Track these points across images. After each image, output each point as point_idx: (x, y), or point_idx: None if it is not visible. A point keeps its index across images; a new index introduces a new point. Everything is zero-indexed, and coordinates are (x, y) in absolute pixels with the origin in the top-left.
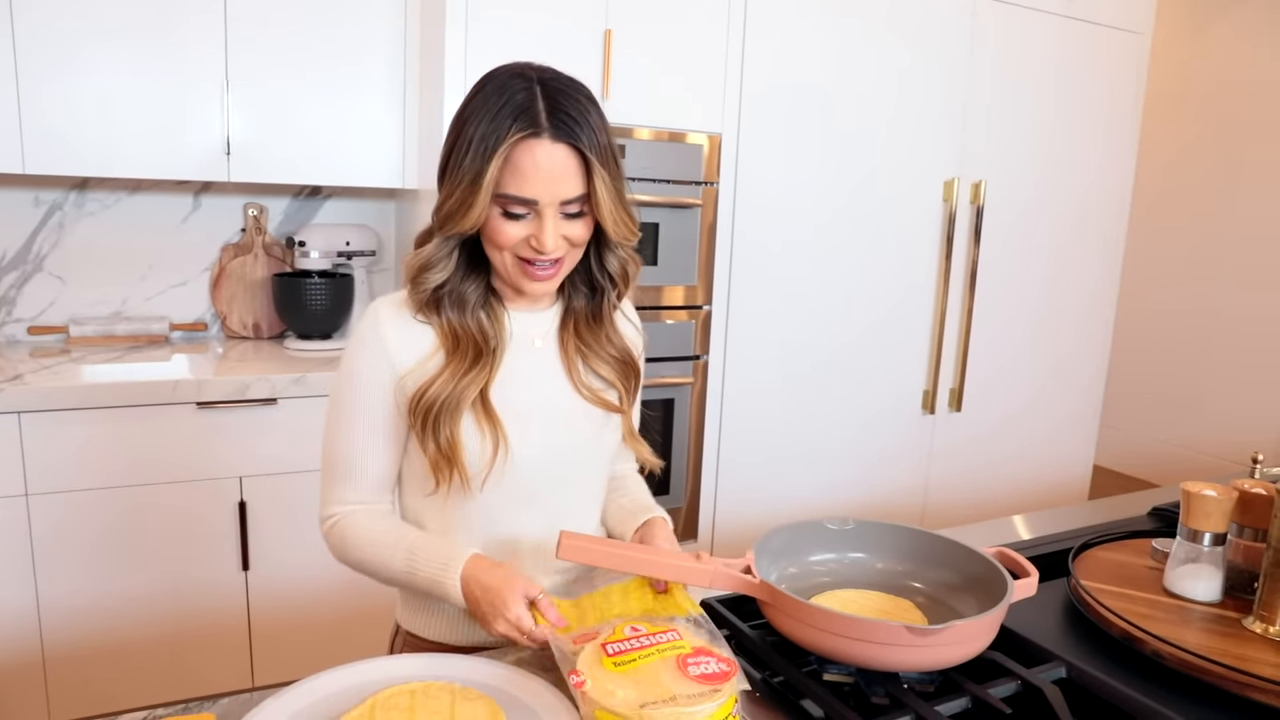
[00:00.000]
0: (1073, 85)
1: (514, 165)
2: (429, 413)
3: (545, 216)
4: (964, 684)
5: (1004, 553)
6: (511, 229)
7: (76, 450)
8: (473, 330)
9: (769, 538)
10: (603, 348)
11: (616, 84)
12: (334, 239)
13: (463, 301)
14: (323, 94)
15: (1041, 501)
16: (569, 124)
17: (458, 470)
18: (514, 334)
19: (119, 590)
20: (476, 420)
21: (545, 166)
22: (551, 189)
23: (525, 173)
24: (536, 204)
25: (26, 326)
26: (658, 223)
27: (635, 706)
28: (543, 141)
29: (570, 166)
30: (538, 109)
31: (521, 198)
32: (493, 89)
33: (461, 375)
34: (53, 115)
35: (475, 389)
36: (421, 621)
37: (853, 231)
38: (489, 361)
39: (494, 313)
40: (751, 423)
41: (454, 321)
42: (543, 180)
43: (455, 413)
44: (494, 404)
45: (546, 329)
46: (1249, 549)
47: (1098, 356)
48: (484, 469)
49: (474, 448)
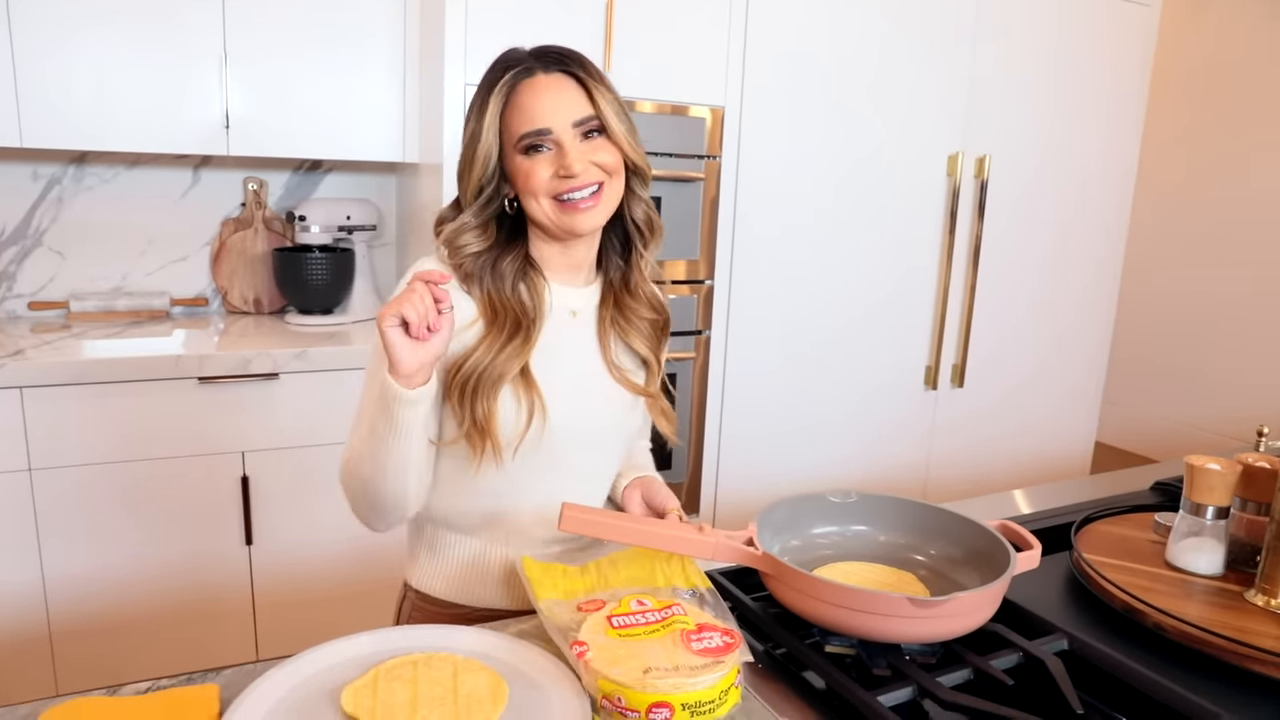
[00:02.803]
0: (1079, 58)
1: (516, 104)
2: (466, 384)
3: (563, 141)
4: (966, 655)
5: (1007, 525)
6: (538, 167)
7: (79, 425)
8: (511, 302)
9: (771, 510)
10: (638, 314)
11: (618, 56)
12: (334, 213)
13: (500, 274)
14: (323, 66)
15: (1043, 477)
16: (558, 57)
17: (490, 440)
18: (553, 306)
19: (123, 564)
20: (514, 391)
21: (545, 93)
22: (558, 113)
23: (528, 106)
24: (550, 133)
25: (27, 302)
26: (660, 196)
27: (638, 675)
28: (537, 76)
29: (570, 89)
30: (529, 58)
31: (535, 129)
32: (491, 67)
33: (500, 348)
34: (51, 88)
35: (517, 363)
36: (429, 580)
37: (856, 206)
38: (528, 334)
39: (533, 284)
40: (754, 397)
41: (494, 293)
42: (548, 107)
43: (495, 386)
44: (534, 373)
45: (585, 302)
46: (1252, 523)
47: (1101, 332)
48: (517, 438)
49: (509, 418)
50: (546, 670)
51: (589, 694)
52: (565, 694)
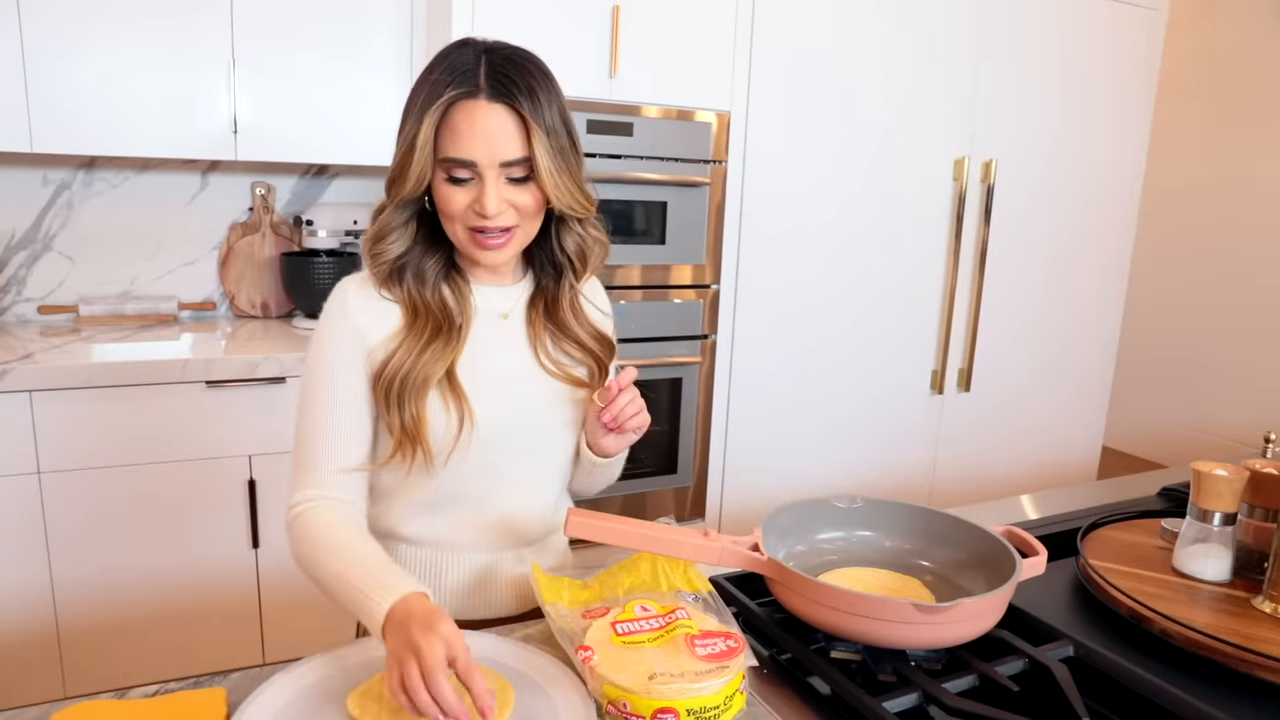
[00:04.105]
0: (1086, 63)
1: (451, 125)
2: (391, 388)
3: (486, 179)
4: (971, 662)
5: (1012, 531)
6: (456, 195)
7: (87, 429)
8: (434, 304)
9: (777, 515)
10: (571, 330)
11: (624, 61)
12: (341, 218)
13: (423, 274)
14: (330, 72)
15: (1049, 483)
16: (507, 85)
17: (421, 447)
18: (479, 308)
19: (131, 567)
20: (441, 396)
21: (481, 126)
22: (489, 150)
23: (461, 133)
24: (475, 166)
25: (37, 306)
26: (666, 201)
27: (643, 681)
28: (479, 102)
29: (508, 127)
30: (477, 71)
31: (459, 159)
32: (439, 57)
33: (421, 350)
34: (60, 95)
35: (441, 366)
36: None
37: (862, 211)
38: (453, 337)
39: (457, 287)
40: (759, 402)
41: (415, 294)
42: (479, 141)
43: (421, 390)
44: (459, 378)
45: (514, 304)
46: (1259, 529)
47: (1107, 337)
48: (448, 445)
49: (438, 424)
50: (552, 675)
51: (594, 699)
52: (571, 699)
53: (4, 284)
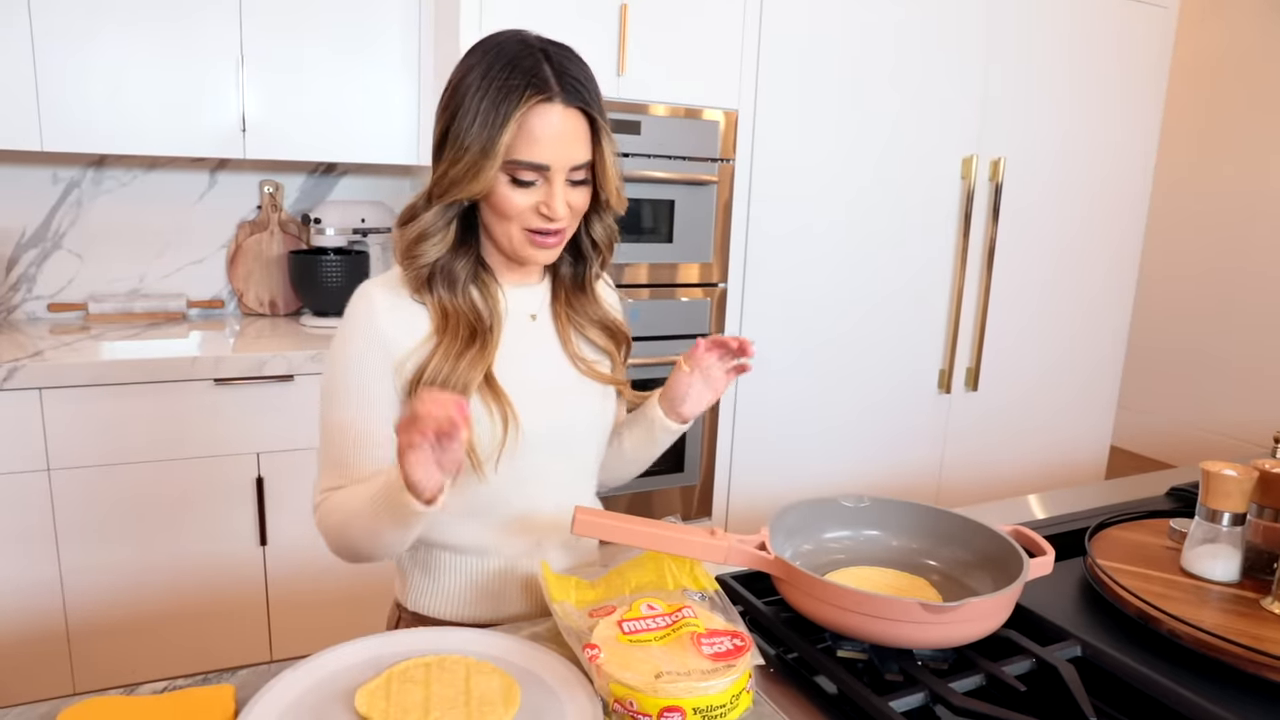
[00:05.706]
0: (1095, 61)
1: (528, 131)
2: None
3: (555, 183)
4: (978, 661)
5: (1020, 531)
6: (520, 197)
7: (96, 426)
8: (464, 308)
9: (784, 514)
10: (589, 315)
11: (632, 59)
12: (349, 216)
13: (453, 278)
14: (338, 70)
15: (1057, 482)
16: (578, 88)
17: (470, 455)
18: (509, 310)
19: (140, 564)
20: (483, 401)
21: (559, 131)
22: (564, 154)
23: (537, 137)
24: (548, 170)
25: (46, 303)
26: (673, 200)
27: (650, 679)
28: (555, 106)
29: (581, 131)
30: (547, 73)
31: (534, 163)
32: (496, 55)
33: (457, 356)
34: (70, 93)
35: (479, 371)
36: (426, 599)
37: (870, 209)
38: (485, 340)
39: (487, 289)
40: (766, 401)
41: (445, 299)
42: (556, 145)
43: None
44: (499, 382)
45: (540, 303)
46: (1269, 529)
47: (1116, 336)
48: (495, 450)
49: (483, 429)
50: (559, 673)
51: (601, 697)
52: (577, 697)
53: (14, 282)
